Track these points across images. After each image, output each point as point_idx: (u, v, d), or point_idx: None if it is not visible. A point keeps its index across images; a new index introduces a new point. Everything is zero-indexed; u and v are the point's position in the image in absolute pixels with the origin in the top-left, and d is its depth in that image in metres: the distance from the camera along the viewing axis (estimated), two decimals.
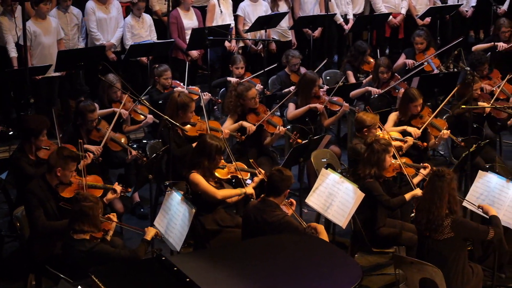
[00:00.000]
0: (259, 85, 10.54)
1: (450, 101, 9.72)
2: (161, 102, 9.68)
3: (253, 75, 10.94)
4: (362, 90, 10.44)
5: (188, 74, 10.48)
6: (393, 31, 13.35)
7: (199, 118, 8.91)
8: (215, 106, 11.28)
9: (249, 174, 7.92)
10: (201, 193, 7.24)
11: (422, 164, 7.95)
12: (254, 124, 8.93)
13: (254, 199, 7.23)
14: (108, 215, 6.77)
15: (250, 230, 6.74)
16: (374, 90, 10.28)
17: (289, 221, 6.63)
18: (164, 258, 5.55)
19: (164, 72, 10.08)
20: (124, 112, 9.15)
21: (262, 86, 10.57)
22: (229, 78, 10.77)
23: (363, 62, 11.22)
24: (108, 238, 6.69)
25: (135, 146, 9.64)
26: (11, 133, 9.60)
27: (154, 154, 8.03)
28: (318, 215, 8.08)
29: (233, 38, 11.92)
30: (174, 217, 6.88)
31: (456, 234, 6.38)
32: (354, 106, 10.28)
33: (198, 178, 7.25)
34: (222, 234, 7.23)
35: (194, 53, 11.76)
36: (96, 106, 8.77)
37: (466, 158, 7.99)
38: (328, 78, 11.64)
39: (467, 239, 6.66)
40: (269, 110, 9.22)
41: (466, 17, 14.01)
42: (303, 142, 8.43)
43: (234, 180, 7.99)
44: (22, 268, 7.17)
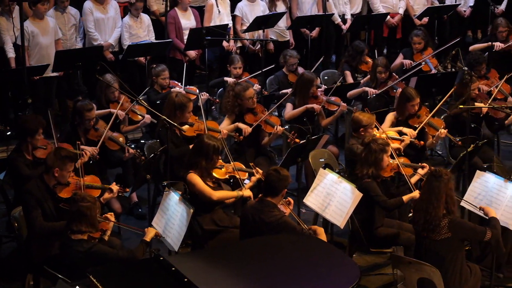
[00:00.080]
0: (257, 85, 10.54)
1: (448, 101, 9.73)
2: (159, 102, 9.68)
3: (251, 75, 10.94)
4: (359, 90, 10.44)
5: (186, 74, 10.48)
6: (391, 31, 13.35)
7: (197, 118, 8.92)
8: (213, 106, 11.28)
9: (247, 174, 7.92)
10: (197, 193, 7.25)
11: (420, 164, 7.96)
12: (251, 124, 8.93)
13: (252, 200, 7.24)
14: (105, 215, 6.77)
15: (248, 230, 6.74)
16: (371, 91, 10.28)
17: (286, 221, 6.64)
18: (162, 258, 5.56)
19: (161, 72, 10.08)
20: (120, 113, 9.14)
21: (260, 86, 10.57)
22: (226, 78, 10.77)
23: (361, 62, 11.22)
24: (106, 238, 6.67)
25: (133, 146, 9.64)
26: (9, 133, 9.61)
27: (152, 154, 8.03)
28: (316, 215, 8.08)
29: (231, 38, 11.92)
30: (172, 217, 6.88)
31: (453, 235, 6.38)
32: (352, 106, 10.29)
33: (195, 179, 7.25)
34: (220, 234, 7.24)
35: (192, 53, 11.75)
36: (93, 105, 8.76)
37: (464, 158, 8.00)
38: (326, 78, 11.64)
39: (465, 240, 6.66)
40: (267, 110, 9.22)
41: (464, 17, 14.01)
42: (301, 142, 8.42)
43: (232, 180, 8.00)
44: (20, 268, 7.16)
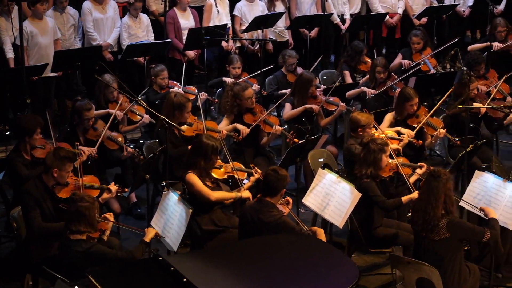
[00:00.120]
0: (256, 85, 10.53)
1: (447, 101, 9.72)
2: (157, 102, 9.67)
3: (250, 75, 10.94)
4: (357, 90, 10.44)
5: (184, 74, 10.48)
6: (389, 31, 13.35)
7: (196, 118, 8.91)
8: (212, 106, 11.28)
9: (246, 174, 7.92)
10: (196, 193, 7.25)
11: (418, 164, 7.96)
12: (250, 124, 8.93)
13: (251, 200, 7.25)
14: (104, 215, 6.76)
15: (247, 230, 6.74)
16: (369, 91, 10.28)
17: (285, 221, 6.64)
18: (161, 258, 5.56)
19: (160, 72, 10.07)
20: (119, 113, 9.12)
21: (259, 86, 10.56)
22: (224, 78, 10.77)
23: (360, 62, 11.21)
24: (105, 238, 6.67)
25: (132, 146, 9.63)
26: (8, 133, 9.61)
27: (151, 154, 8.03)
28: (315, 215, 8.09)
29: (230, 38, 11.92)
30: (171, 217, 6.88)
31: (452, 235, 6.37)
32: (351, 106, 10.29)
33: (193, 179, 7.25)
34: (220, 235, 7.23)
35: (191, 53, 11.75)
36: (92, 105, 8.75)
37: (463, 158, 8.00)
38: (325, 78, 11.64)
39: (463, 240, 6.66)
40: (265, 110, 9.22)
41: (463, 17, 14.00)
42: (300, 142, 8.41)
43: (231, 180, 8.00)
44: (19, 268, 7.16)
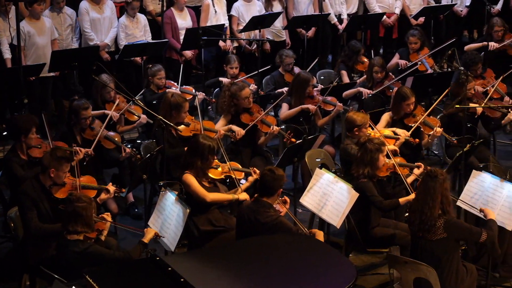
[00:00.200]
0: (253, 85, 10.54)
1: (444, 100, 9.72)
2: (155, 102, 9.67)
3: (247, 75, 10.94)
4: (354, 90, 10.44)
5: (182, 74, 10.47)
6: (387, 31, 13.35)
7: (193, 118, 8.91)
8: (210, 106, 11.28)
9: (243, 174, 7.92)
10: (192, 194, 7.24)
11: (416, 164, 7.96)
12: (247, 124, 8.93)
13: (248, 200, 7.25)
14: (102, 215, 6.76)
15: (244, 230, 6.74)
16: (365, 92, 10.28)
17: (282, 221, 6.64)
18: (158, 258, 5.55)
19: (157, 72, 10.07)
20: (114, 114, 9.10)
21: (256, 86, 10.57)
22: (221, 79, 10.76)
23: (357, 62, 11.22)
24: (102, 238, 6.68)
25: (129, 146, 9.63)
26: (5, 133, 9.59)
27: (148, 154, 8.02)
28: (313, 215, 8.09)
29: (227, 38, 11.91)
30: (169, 217, 6.88)
31: (449, 235, 6.37)
32: (348, 106, 10.29)
33: (190, 179, 7.25)
34: (217, 237, 7.22)
35: (188, 53, 11.74)
36: (89, 104, 8.73)
37: (460, 158, 8.00)
38: (322, 78, 11.64)
39: (460, 240, 6.66)
40: (263, 110, 9.22)
41: (460, 17, 14.01)
42: (297, 142, 8.41)
43: (228, 180, 7.99)
44: (16, 268, 7.15)
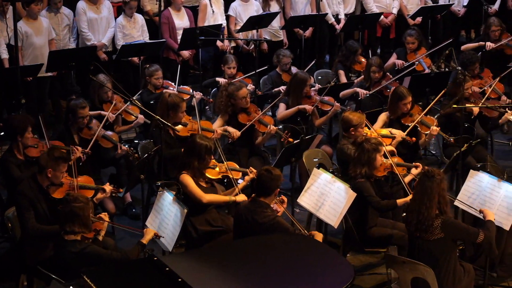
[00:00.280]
0: (251, 85, 10.54)
1: (441, 100, 9.73)
2: (152, 103, 9.66)
3: (245, 75, 10.94)
4: (350, 91, 10.44)
5: (179, 74, 10.47)
6: (384, 31, 13.36)
7: (191, 118, 8.91)
8: (207, 106, 11.27)
9: (240, 174, 7.91)
10: (189, 194, 7.24)
11: (413, 163, 7.96)
12: (245, 124, 8.93)
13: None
14: (99, 215, 6.76)
15: (241, 230, 6.74)
16: (362, 92, 10.28)
17: (279, 221, 6.63)
18: (156, 258, 5.55)
19: (155, 72, 10.06)
20: (111, 115, 9.09)
21: (253, 86, 10.57)
22: (218, 79, 10.76)
23: (355, 62, 11.22)
24: (100, 238, 6.67)
25: (127, 146, 9.62)
26: (2, 133, 9.57)
27: (146, 154, 8.02)
28: (310, 215, 8.09)
29: (224, 38, 11.91)
30: (166, 217, 6.87)
31: (446, 235, 6.37)
32: (346, 106, 10.29)
33: (187, 180, 7.24)
34: (216, 239, 7.21)
35: (186, 53, 11.74)
36: (87, 103, 8.71)
37: (457, 158, 8.00)
38: (320, 78, 11.64)
39: (457, 240, 6.66)
40: (260, 110, 9.22)
41: (457, 16, 14.01)
42: (295, 142, 8.41)
43: (226, 180, 7.99)
44: (14, 268, 7.15)
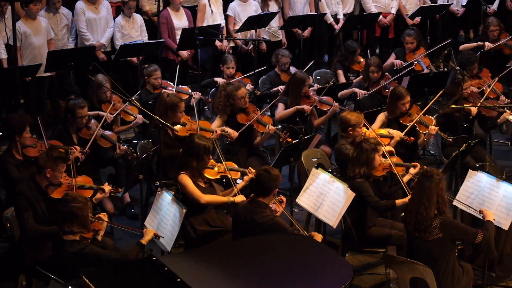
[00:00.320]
0: (250, 85, 10.53)
1: (440, 100, 9.72)
2: (151, 103, 9.66)
3: (243, 75, 10.94)
4: (349, 91, 10.44)
5: (178, 74, 10.46)
6: (383, 31, 13.35)
7: (190, 118, 8.91)
8: (206, 106, 11.27)
9: (239, 174, 7.91)
10: (187, 195, 7.24)
11: (412, 163, 7.96)
12: (243, 124, 8.93)
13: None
14: (98, 215, 6.75)
15: (240, 230, 6.74)
16: (360, 92, 10.27)
17: (278, 221, 6.64)
18: (155, 258, 5.55)
19: (153, 72, 10.06)
20: (109, 116, 9.08)
21: (252, 86, 10.57)
22: (216, 79, 10.76)
23: (354, 62, 11.22)
24: (99, 238, 6.66)
25: (126, 146, 9.61)
26: (1, 133, 9.56)
27: (145, 154, 8.02)
28: (309, 215, 8.09)
29: (223, 38, 11.91)
30: (165, 217, 6.87)
31: (444, 235, 6.37)
32: (344, 106, 10.29)
33: (185, 180, 7.24)
34: (215, 239, 7.21)
35: (184, 53, 11.74)
36: (86, 103, 8.71)
37: (456, 158, 7.99)
38: (318, 78, 11.64)
39: (456, 240, 6.66)
40: (259, 110, 9.22)
41: (456, 16, 14.01)
42: (294, 141, 8.41)
43: (224, 180, 7.99)
44: (13, 268, 7.14)
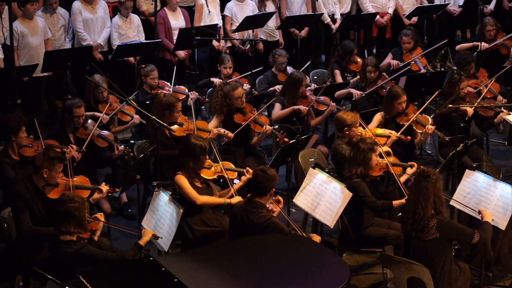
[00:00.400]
0: (247, 84, 10.53)
1: (437, 100, 9.73)
2: (148, 103, 9.65)
3: (241, 75, 10.93)
4: (345, 91, 10.43)
5: (175, 74, 10.46)
6: (380, 31, 13.35)
7: (187, 118, 8.90)
8: (203, 106, 11.27)
9: (236, 174, 7.91)
10: (183, 195, 7.23)
11: (409, 163, 7.96)
12: (240, 124, 8.92)
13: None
14: (95, 215, 6.75)
15: (237, 230, 6.74)
16: (356, 93, 10.27)
17: (275, 222, 6.63)
18: (152, 259, 5.55)
19: (150, 72, 10.05)
20: (105, 117, 9.07)
21: (249, 86, 10.57)
22: (212, 79, 10.75)
23: (351, 62, 11.22)
24: (95, 238, 6.66)
25: (123, 146, 9.61)
26: None
27: (142, 155, 8.01)
28: (306, 215, 8.09)
29: (220, 38, 11.91)
30: (162, 217, 6.87)
31: (441, 235, 6.37)
32: (341, 106, 10.29)
33: (181, 181, 7.24)
34: (212, 241, 7.21)
35: (181, 53, 11.74)
36: (83, 103, 8.69)
37: (453, 157, 8.00)
38: (315, 77, 11.64)
39: (453, 240, 6.66)
40: (256, 110, 9.21)
41: (453, 16, 14.00)
42: (291, 141, 8.41)
43: (221, 180, 7.98)
44: (10, 269, 7.13)
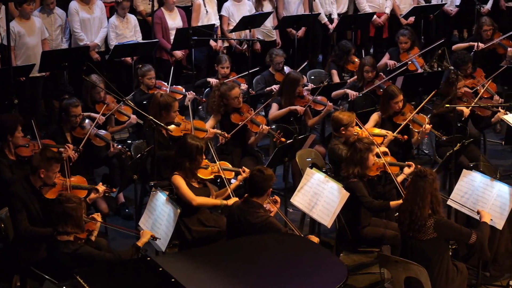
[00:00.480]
0: (244, 84, 10.53)
1: (434, 100, 9.74)
2: (145, 103, 9.65)
3: (238, 75, 10.93)
4: (341, 91, 10.43)
5: (172, 74, 10.45)
6: (377, 31, 13.37)
7: (184, 118, 8.90)
8: (200, 106, 11.27)
9: (233, 174, 7.91)
10: (180, 196, 7.23)
11: (406, 163, 7.96)
12: (237, 124, 8.92)
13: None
14: (92, 215, 6.74)
15: (234, 230, 6.74)
16: (352, 94, 10.27)
17: (272, 222, 6.63)
18: (149, 259, 5.55)
19: (147, 72, 10.04)
20: (101, 118, 9.05)
21: (247, 86, 10.57)
22: (209, 79, 10.75)
23: (348, 62, 11.23)
24: (92, 239, 6.65)
25: (120, 145, 9.60)
26: None
27: (139, 155, 8.01)
28: (303, 215, 8.09)
29: (217, 38, 11.90)
30: (159, 217, 6.87)
31: (439, 235, 6.38)
32: (338, 106, 10.29)
33: (178, 182, 7.23)
34: (211, 241, 7.21)
35: (178, 53, 11.73)
36: (80, 102, 8.68)
37: (450, 157, 8.00)
38: (312, 77, 11.63)
39: (450, 240, 6.66)
40: (253, 110, 9.21)
41: (450, 16, 14.02)
42: (288, 141, 8.40)
43: (219, 180, 7.98)
44: (7, 269, 7.12)
